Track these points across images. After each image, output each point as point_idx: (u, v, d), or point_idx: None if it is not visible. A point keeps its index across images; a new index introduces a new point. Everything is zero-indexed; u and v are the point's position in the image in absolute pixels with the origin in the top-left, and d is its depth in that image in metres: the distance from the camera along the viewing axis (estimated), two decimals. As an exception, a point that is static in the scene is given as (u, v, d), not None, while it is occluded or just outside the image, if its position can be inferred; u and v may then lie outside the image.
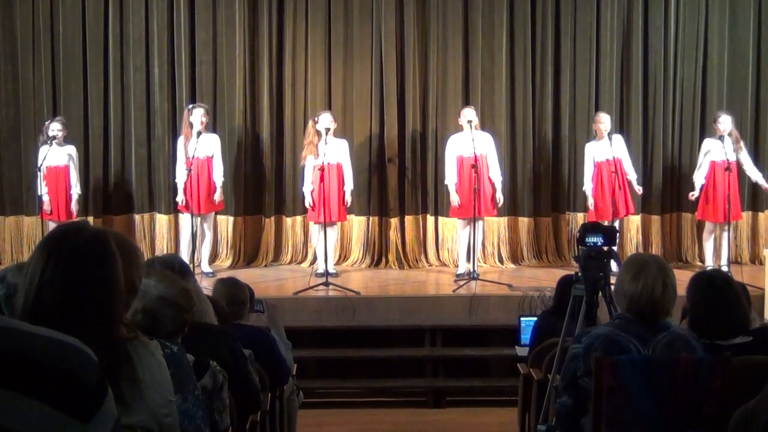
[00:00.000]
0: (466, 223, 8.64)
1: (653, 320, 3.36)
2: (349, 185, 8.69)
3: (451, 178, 8.63)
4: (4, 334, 1.34)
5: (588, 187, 8.78)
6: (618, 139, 8.77)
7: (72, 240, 1.96)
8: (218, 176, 8.72)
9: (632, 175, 8.77)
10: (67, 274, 1.91)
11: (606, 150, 8.64)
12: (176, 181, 8.75)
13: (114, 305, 1.99)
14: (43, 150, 8.49)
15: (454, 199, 8.59)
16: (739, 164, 8.62)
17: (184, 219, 8.76)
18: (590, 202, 8.76)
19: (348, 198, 8.69)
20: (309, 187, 8.53)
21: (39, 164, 8.42)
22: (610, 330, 3.39)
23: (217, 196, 8.74)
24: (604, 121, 8.70)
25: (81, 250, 1.95)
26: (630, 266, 3.42)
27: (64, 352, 1.35)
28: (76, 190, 8.72)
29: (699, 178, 8.72)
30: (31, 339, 1.34)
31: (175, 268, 3.94)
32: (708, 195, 8.64)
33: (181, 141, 8.69)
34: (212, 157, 8.68)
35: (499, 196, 8.64)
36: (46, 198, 8.53)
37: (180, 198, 8.60)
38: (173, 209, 9.29)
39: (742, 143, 8.66)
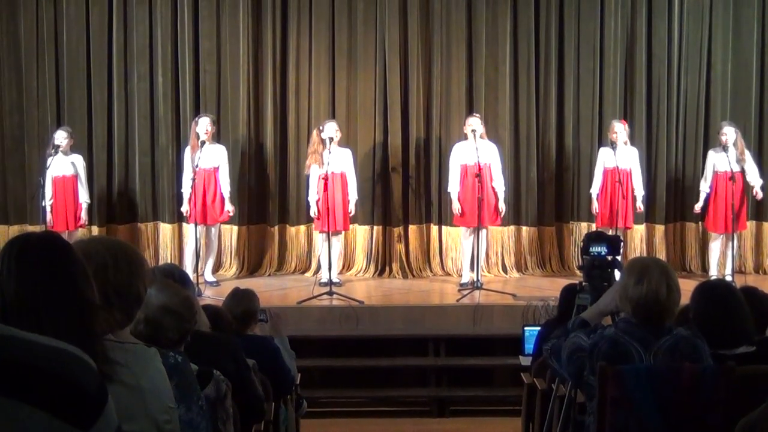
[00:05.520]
0: (471, 232, 8.64)
1: (658, 324, 3.35)
2: (353, 195, 8.69)
3: (453, 187, 8.63)
4: (4, 343, 1.34)
5: (595, 190, 8.79)
6: (633, 151, 8.76)
7: (23, 239, 1.95)
8: (225, 187, 8.66)
9: (639, 191, 8.74)
10: (20, 273, 1.89)
11: (616, 158, 8.59)
12: (182, 191, 8.70)
13: (77, 304, 1.93)
14: (49, 160, 8.40)
15: (456, 207, 8.60)
16: (743, 174, 8.61)
17: (189, 229, 8.70)
18: (594, 206, 8.77)
19: (351, 208, 8.69)
20: (314, 196, 8.53)
21: (44, 173, 8.37)
22: (615, 332, 3.38)
23: (228, 207, 8.68)
24: (618, 131, 8.67)
25: (30, 248, 1.92)
26: (632, 270, 3.40)
27: (63, 360, 1.36)
28: (84, 199, 8.70)
29: (704, 187, 8.72)
30: (31, 347, 1.35)
31: (175, 277, 3.94)
32: (713, 206, 8.64)
33: (187, 151, 8.63)
34: (218, 167, 8.62)
35: (502, 206, 8.64)
36: (49, 209, 8.46)
37: (185, 209, 8.54)
38: (177, 218, 9.30)
39: (746, 154, 8.64)
